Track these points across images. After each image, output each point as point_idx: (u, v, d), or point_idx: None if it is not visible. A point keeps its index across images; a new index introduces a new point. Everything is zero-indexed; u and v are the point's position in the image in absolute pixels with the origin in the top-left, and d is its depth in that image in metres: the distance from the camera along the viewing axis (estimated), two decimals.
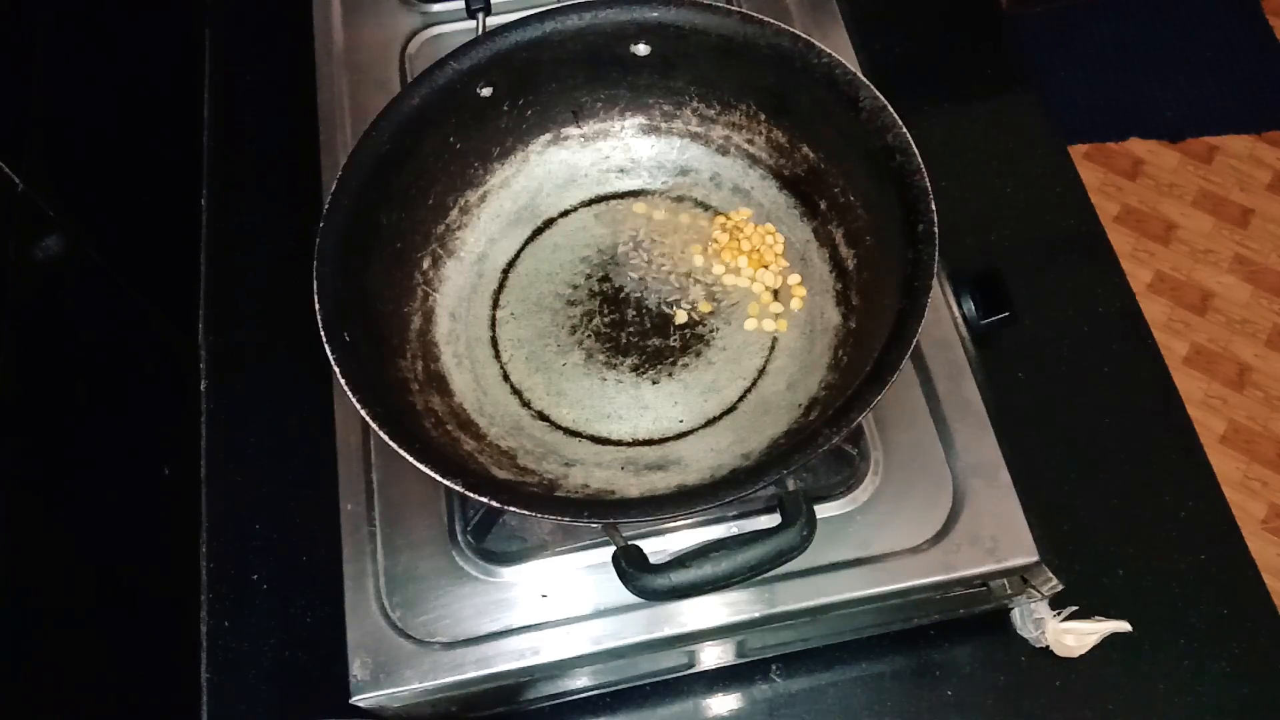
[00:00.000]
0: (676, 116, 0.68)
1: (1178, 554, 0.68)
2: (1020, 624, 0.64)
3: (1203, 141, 1.78)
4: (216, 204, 0.83)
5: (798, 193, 0.66)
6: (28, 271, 0.56)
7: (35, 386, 0.56)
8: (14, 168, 0.56)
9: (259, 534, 0.70)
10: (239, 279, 0.80)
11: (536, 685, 0.61)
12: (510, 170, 0.68)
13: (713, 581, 0.48)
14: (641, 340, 0.64)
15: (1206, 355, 1.60)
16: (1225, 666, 0.65)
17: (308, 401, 0.70)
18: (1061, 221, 0.81)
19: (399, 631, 0.56)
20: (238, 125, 0.86)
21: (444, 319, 0.64)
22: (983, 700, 0.64)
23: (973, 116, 0.85)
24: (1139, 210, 1.72)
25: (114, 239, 0.68)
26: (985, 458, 0.60)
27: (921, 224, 0.54)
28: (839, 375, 0.59)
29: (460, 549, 0.59)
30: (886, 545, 0.58)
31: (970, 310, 0.64)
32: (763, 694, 0.65)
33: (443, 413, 0.59)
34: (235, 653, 0.67)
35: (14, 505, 0.52)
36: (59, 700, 0.54)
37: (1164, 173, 1.75)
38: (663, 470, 0.59)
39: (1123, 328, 0.76)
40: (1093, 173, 1.75)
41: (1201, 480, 0.71)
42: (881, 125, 0.57)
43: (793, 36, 0.60)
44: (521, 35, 0.62)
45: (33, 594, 0.53)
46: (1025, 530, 0.57)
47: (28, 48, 0.61)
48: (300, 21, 0.77)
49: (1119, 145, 1.78)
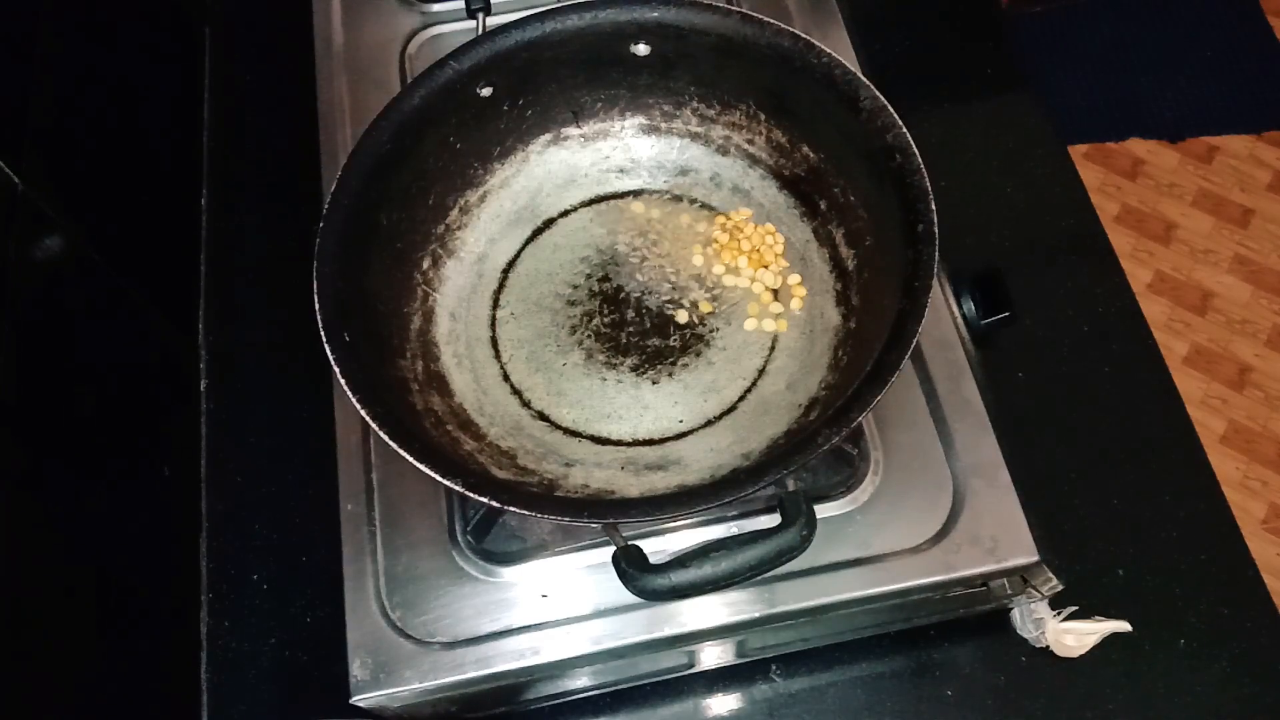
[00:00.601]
0: (676, 116, 0.68)
1: (1178, 554, 0.68)
2: (1020, 624, 0.64)
3: (1203, 141, 1.77)
4: (216, 204, 0.83)
5: (798, 193, 0.66)
6: (28, 271, 0.56)
7: (35, 387, 0.56)
8: (14, 168, 0.56)
9: (259, 534, 0.70)
10: (239, 279, 0.80)
11: (536, 685, 0.61)
12: (510, 170, 0.68)
13: (713, 581, 0.48)
14: (641, 340, 0.64)
15: (1206, 355, 1.60)
16: (1225, 666, 0.65)
17: (308, 401, 0.70)
18: (1061, 221, 0.81)
19: (399, 631, 0.56)
20: (238, 125, 0.86)
21: (444, 319, 0.64)
22: (983, 700, 0.64)
23: (973, 116, 0.85)
24: (1139, 210, 1.72)
25: (114, 239, 0.68)
26: (985, 458, 0.60)
27: (921, 224, 0.54)
28: (839, 375, 0.59)
29: (460, 549, 0.59)
30: (886, 545, 0.58)
31: (970, 310, 0.64)
32: (763, 694, 0.65)
33: (443, 413, 0.59)
34: (235, 653, 0.67)
35: (14, 505, 0.52)
36: (59, 700, 0.54)
37: (1164, 173, 1.75)
38: (663, 470, 0.59)
39: (1123, 328, 0.76)
40: (1093, 173, 1.75)
41: (1201, 480, 0.71)
42: (881, 125, 0.57)
43: (793, 36, 0.60)
44: (521, 35, 0.62)
45: (32, 594, 0.53)
46: (1025, 530, 0.57)
47: (28, 47, 0.61)
48: (300, 21, 0.77)
49: (1119, 145, 1.77)
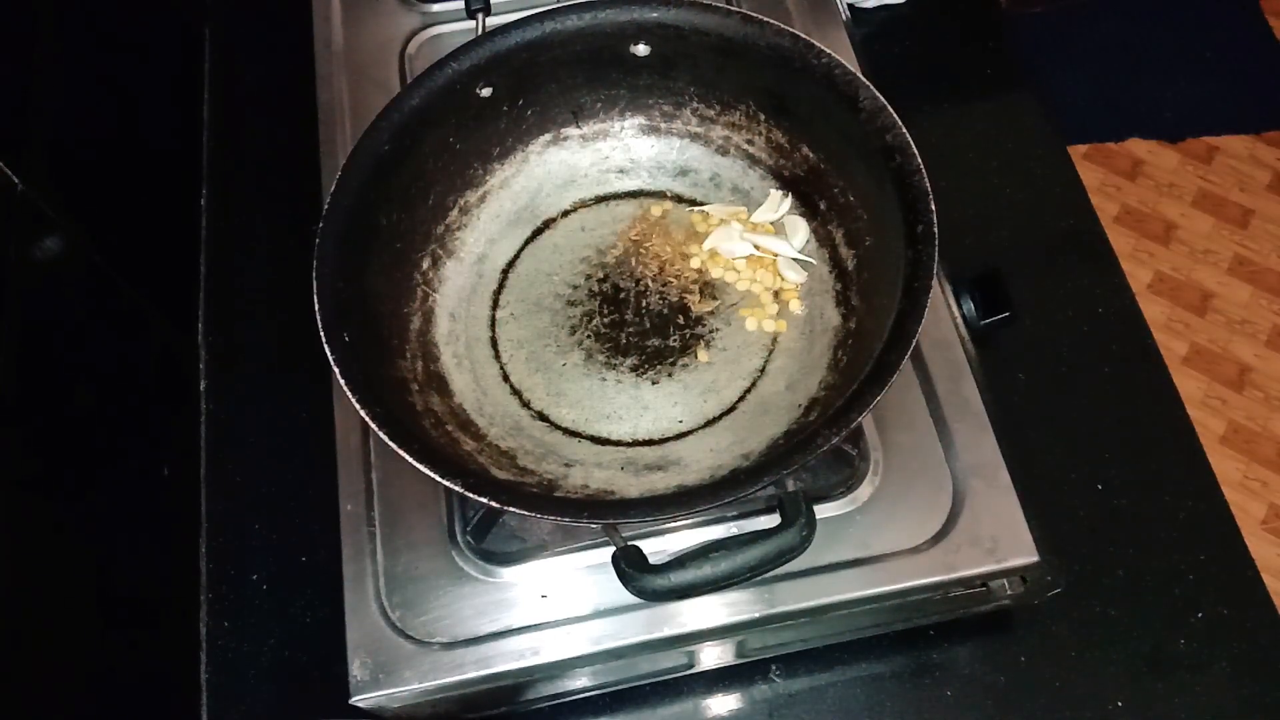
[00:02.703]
0: (676, 117, 0.68)
1: (1178, 554, 0.68)
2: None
3: (1203, 142, 1.77)
4: (216, 204, 0.83)
5: (797, 193, 0.66)
6: (28, 271, 0.56)
7: (35, 386, 0.56)
8: (14, 168, 0.56)
9: (259, 534, 0.70)
10: (239, 279, 0.80)
11: (536, 685, 0.61)
12: (510, 170, 0.68)
13: (712, 582, 0.48)
14: (641, 340, 0.64)
15: (1206, 355, 1.60)
16: (1225, 666, 0.65)
17: (308, 401, 0.70)
18: (1061, 221, 0.81)
19: (399, 632, 0.56)
20: (238, 125, 0.86)
21: (444, 319, 0.64)
22: (983, 700, 0.64)
23: (973, 116, 0.85)
24: (1139, 210, 1.72)
25: (114, 239, 0.68)
26: (985, 458, 0.60)
27: (921, 224, 0.54)
28: (839, 376, 0.59)
29: (460, 549, 0.59)
30: (886, 545, 0.58)
31: (970, 310, 0.64)
32: (763, 694, 0.65)
33: (442, 413, 0.59)
34: (235, 653, 0.67)
35: (14, 505, 0.52)
36: (59, 700, 0.54)
37: (1164, 173, 1.75)
38: (662, 470, 0.59)
39: (1123, 328, 0.76)
40: (1093, 173, 1.75)
41: (1201, 480, 0.71)
42: (881, 125, 0.57)
43: (793, 36, 0.59)
44: (521, 35, 0.62)
45: (32, 594, 0.53)
46: (1025, 530, 0.57)
47: (28, 48, 0.61)
48: (300, 21, 0.77)
49: (1119, 145, 1.77)
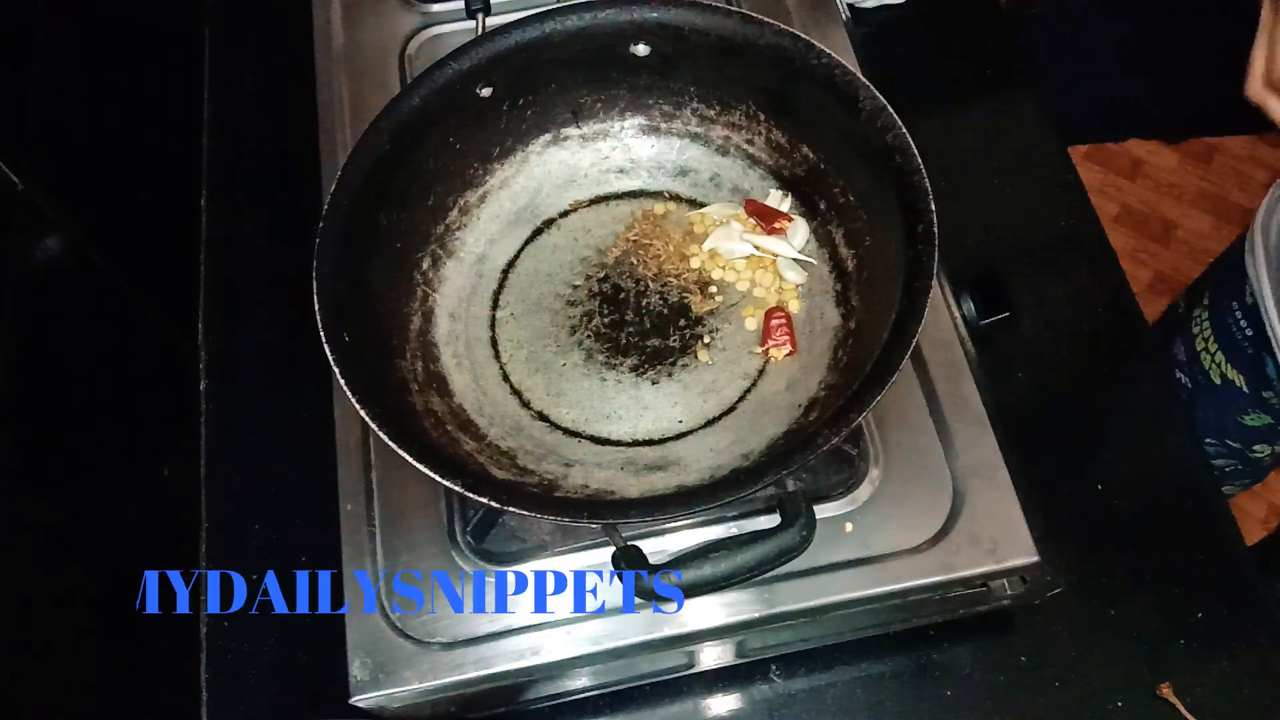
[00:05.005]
0: (676, 117, 0.68)
1: (1178, 554, 0.68)
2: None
3: (1203, 141, 1.77)
4: (216, 204, 0.83)
5: (798, 193, 0.66)
6: (28, 271, 0.56)
7: (35, 386, 0.56)
8: (14, 168, 0.56)
9: (259, 534, 0.70)
10: (239, 279, 0.80)
11: (536, 685, 0.61)
12: (510, 170, 0.68)
13: (712, 582, 0.48)
14: (641, 340, 0.64)
15: None
16: (1225, 666, 0.65)
17: (307, 402, 0.70)
18: (1061, 221, 0.81)
19: (399, 632, 0.56)
20: (238, 125, 0.86)
21: (444, 319, 0.64)
22: (983, 700, 0.64)
23: (973, 116, 0.85)
24: (1139, 210, 1.72)
25: (114, 239, 0.68)
26: (985, 458, 0.60)
27: (921, 224, 0.54)
28: (839, 375, 0.59)
29: (460, 549, 0.59)
30: (886, 545, 0.58)
31: (970, 310, 0.64)
32: (762, 694, 0.65)
33: (442, 413, 0.59)
34: (235, 653, 0.67)
35: (14, 505, 0.52)
36: (59, 700, 0.54)
37: (1164, 173, 1.75)
38: (662, 471, 0.59)
39: (1123, 328, 0.76)
40: (1093, 173, 1.75)
41: (1202, 480, 0.71)
42: (881, 125, 0.57)
43: (793, 36, 0.59)
44: (521, 36, 0.62)
45: (32, 594, 0.53)
46: (1025, 530, 0.57)
47: (27, 48, 0.61)
48: (300, 21, 0.77)
49: (1119, 145, 1.77)
